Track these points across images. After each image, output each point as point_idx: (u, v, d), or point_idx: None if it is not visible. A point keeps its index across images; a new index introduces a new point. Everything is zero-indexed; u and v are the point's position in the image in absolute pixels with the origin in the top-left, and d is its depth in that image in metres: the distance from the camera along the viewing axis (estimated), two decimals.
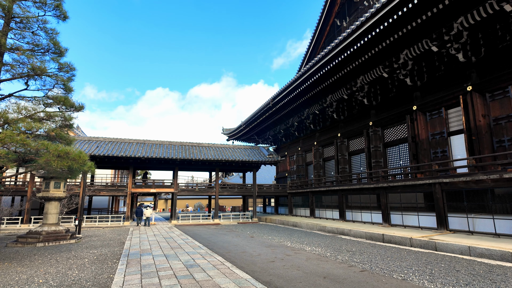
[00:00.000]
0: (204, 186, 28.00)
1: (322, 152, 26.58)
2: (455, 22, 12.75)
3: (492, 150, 13.05)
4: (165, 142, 27.00)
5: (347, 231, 15.61)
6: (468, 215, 12.50)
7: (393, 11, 12.72)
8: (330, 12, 27.24)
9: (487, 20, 12.31)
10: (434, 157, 15.81)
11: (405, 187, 15.76)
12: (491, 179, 11.49)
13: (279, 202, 33.06)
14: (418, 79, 17.02)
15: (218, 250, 11.35)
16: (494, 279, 6.68)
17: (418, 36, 14.09)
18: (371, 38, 14.48)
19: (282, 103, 24.60)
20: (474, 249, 9.40)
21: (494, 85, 13.20)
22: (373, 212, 18.22)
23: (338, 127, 24.29)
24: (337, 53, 16.72)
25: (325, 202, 23.60)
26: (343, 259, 9.23)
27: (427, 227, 14.35)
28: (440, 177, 13.77)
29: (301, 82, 20.81)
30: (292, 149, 32.00)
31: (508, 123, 12.69)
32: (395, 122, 18.75)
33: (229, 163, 26.17)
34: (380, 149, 19.67)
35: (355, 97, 21.31)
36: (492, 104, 13.39)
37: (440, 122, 15.68)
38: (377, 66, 17.16)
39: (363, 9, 22.87)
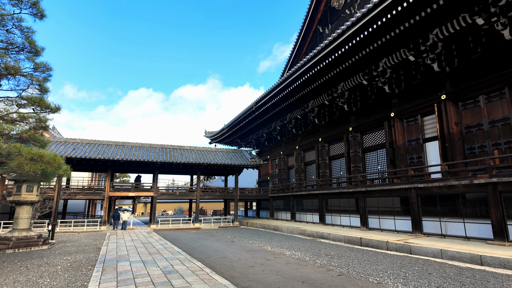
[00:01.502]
0: (185, 190, 27.66)
1: (303, 156, 26.90)
2: (431, 33, 13.32)
3: (464, 156, 13.67)
4: (145, 145, 26.50)
5: (327, 234, 15.84)
6: (441, 219, 13.00)
7: (372, 22, 13.12)
8: (313, 19, 27.75)
9: (460, 33, 12.93)
10: (410, 162, 16.36)
11: (382, 191, 16.20)
12: (462, 185, 12.02)
13: (260, 206, 33.11)
14: (396, 87, 17.60)
15: (197, 255, 11.23)
16: (463, 281, 6.98)
17: (396, 45, 14.60)
18: (351, 47, 14.87)
19: (265, 107, 24.74)
20: (446, 252, 9.78)
21: (466, 95, 13.86)
22: (351, 216, 18.59)
23: (319, 132, 24.69)
24: (318, 61, 17.05)
25: (305, 206, 23.86)
26: (321, 263, 9.36)
27: (403, 230, 14.79)
28: (415, 182, 14.25)
29: (283, 88, 21.03)
30: (275, 153, 32.19)
31: (479, 131, 13.34)
32: (374, 128, 19.28)
33: (211, 166, 26.00)
34: (359, 154, 20.15)
35: (336, 103, 21.76)
36: (464, 112, 14.05)
37: (416, 129, 16.26)
38: (357, 73, 17.62)
39: (344, 17, 23.46)
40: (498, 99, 12.71)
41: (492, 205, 10.91)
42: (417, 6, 11.82)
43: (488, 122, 12.97)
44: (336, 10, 24.72)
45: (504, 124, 12.40)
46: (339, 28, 15.46)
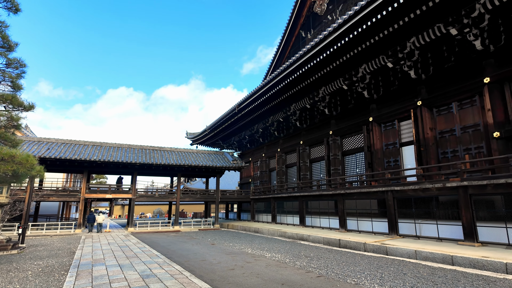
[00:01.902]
0: (165, 192, 27.17)
1: (285, 159, 27.12)
2: (408, 41, 13.83)
3: (438, 160, 14.24)
4: (124, 145, 25.85)
5: (306, 236, 16.02)
6: (415, 221, 13.47)
7: (352, 29, 13.50)
8: (296, 23, 28.13)
9: (436, 42, 13.51)
10: (387, 166, 16.87)
11: (360, 194, 16.58)
12: (436, 188, 12.51)
13: (242, 208, 33.04)
14: (375, 92, 18.12)
15: (177, 258, 11.05)
16: (436, 281, 7.26)
17: (375, 52, 15.05)
18: (331, 53, 15.23)
19: (247, 110, 24.78)
20: (420, 253, 10.14)
21: (440, 101, 14.47)
22: (331, 218, 18.91)
23: (301, 135, 24.99)
24: (299, 66, 17.34)
25: (286, 208, 24.04)
26: (301, 265, 9.45)
27: (379, 232, 15.20)
28: (392, 185, 14.70)
29: (265, 91, 21.16)
30: (257, 155, 32.26)
31: (451, 136, 13.96)
32: (353, 132, 19.74)
33: (192, 168, 25.70)
34: (339, 157, 20.56)
35: (317, 106, 22.12)
36: (438, 118, 14.65)
37: (394, 133, 16.80)
38: (337, 78, 18.01)
39: (326, 23, 23.93)
40: (470, 106, 13.36)
41: (463, 207, 11.43)
42: (395, 15, 12.26)
43: (460, 128, 13.60)
44: (319, 15, 25.18)
45: (474, 130, 13.04)
46: (321, 33, 15.78)
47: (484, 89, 12.59)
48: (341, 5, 22.48)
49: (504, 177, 10.22)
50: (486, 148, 12.52)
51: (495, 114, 12.18)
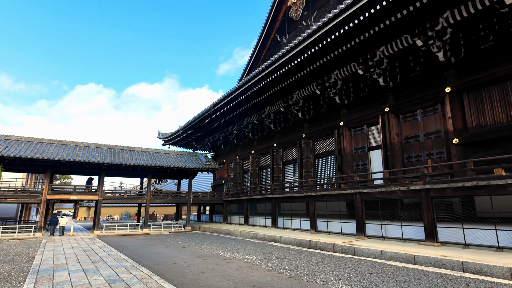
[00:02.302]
0: (134, 194, 26.30)
1: (258, 161, 27.26)
2: (378, 50, 14.46)
3: (403, 165, 14.98)
4: (91, 144, 24.73)
5: (278, 238, 16.18)
6: (382, 222, 14.05)
7: (323, 37, 14.01)
8: (272, 27, 28.45)
9: (403, 52, 14.19)
10: (356, 169, 17.48)
11: (330, 196, 17.03)
12: (401, 191, 13.14)
13: (214, 210, 32.73)
14: (346, 98, 18.73)
15: (145, 262, 10.73)
16: (399, 280, 7.61)
17: (347, 59, 15.60)
18: (304, 59, 15.65)
19: (222, 111, 24.67)
20: (385, 253, 10.59)
21: (406, 108, 15.24)
22: (302, 219, 19.24)
23: (275, 137, 25.25)
24: (273, 70, 17.65)
25: (259, 210, 24.14)
26: (272, 267, 9.53)
27: (348, 233, 15.68)
28: (360, 187, 15.23)
29: (240, 93, 21.20)
30: (230, 157, 32.14)
31: (416, 142, 14.74)
32: (325, 136, 20.26)
33: (163, 169, 25.09)
34: (311, 160, 21.00)
35: (291, 110, 22.47)
36: (404, 124, 15.42)
37: (362, 138, 17.45)
38: (311, 83, 18.43)
39: (301, 28, 24.42)
40: (433, 114, 14.19)
41: (425, 209, 12.09)
42: (365, 25, 12.80)
43: (424, 134, 14.40)
44: (294, 20, 25.65)
45: (436, 136, 13.87)
46: (296, 38, 16.11)
47: (445, 98, 13.44)
48: (315, 11, 23.05)
49: (462, 180, 10.95)
50: (446, 154, 13.35)
51: (455, 122, 13.03)
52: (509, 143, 11.48)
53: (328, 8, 21.62)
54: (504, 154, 11.28)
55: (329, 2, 21.69)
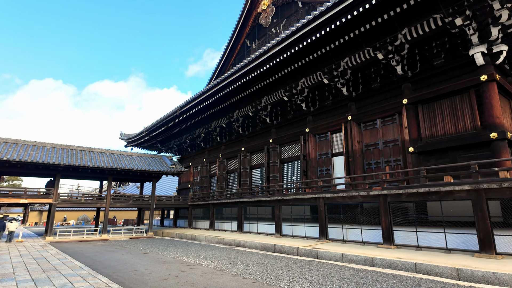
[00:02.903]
0: (92, 197, 24.90)
1: (226, 165, 27.12)
2: (342, 61, 15.13)
3: (363, 171, 15.72)
4: (46, 144, 23.08)
5: (244, 242, 16.17)
6: (343, 226, 14.60)
7: (290, 46, 14.55)
8: (242, 32, 28.63)
9: (365, 64, 14.98)
10: (320, 174, 18.04)
11: (295, 200, 17.39)
12: (361, 195, 13.77)
13: (178, 215, 31.93)
14: (312, 105, 19.32)
15: (103, 270, 10.19)
16: (358, 282, 7.95)
17: (313, 69, 16.17)
18: (271, 67, 16.09)
19: (190, 113, 24.28)
20: (346, 256, 11.01)
21: (367, 117, 16.06)
22: (268, 224, 19.42)
23: (243, 141, 25.30)
24: (241, 76, 17.87)
25: (225, 214, 23.97)
26: (237, 272, 9.50)
27: (311, 236, 16.09)
28: (323, 192, 15.73)
29: (208, 96, 21.06)
30: (197, 160, 31.64)
31: (375, 149, 15.56)
32: (291, 141, 20.70)
33: (125, 172, 24.05)
34: (277, 164, 21.33)
35: (259, 115, 22.69)
36: (365, 132, 16.23)
37: (326, 144, 18.08)
38: (278, 90, 18.81)
39: (270, 35, 24.85)
40: (391, 124, 15.09)
41: (382, 213, 12.77)
42: (330, 37, 13.44)
43: (382, 142, 15.25)
44: (264, 27, 26.04)
45: (394, 144, 14.76)
46: (265, 45, 16.40)
47: (402, 109, 14.37)
48: (284, 20, 23.60)
49: (416, 187, 11.73)
50: (403, 161, 14.25)
51: (411, 132, 13.97)
52: (457, 153, 12.54)
53: (296, 17, 22.24)
54: (452, 162, 12.30)
55: (297, 11, 22.33)
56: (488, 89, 11.85)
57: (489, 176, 10.70)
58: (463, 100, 12.66)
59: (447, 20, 11.61)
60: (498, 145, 11.34)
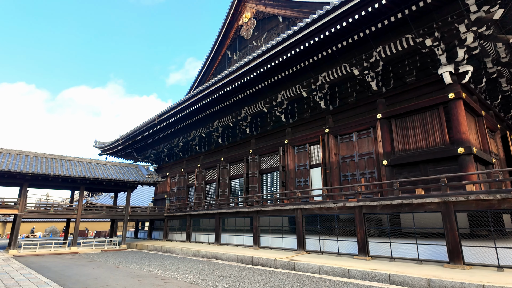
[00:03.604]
0: (63, 207, 23.74)
1: (204, 175, 26.80)
2: (320, 75, 15.56)
3: (340, 182, 16.04)
4: (13, 151, 21.90)
5: (221, 255, 15.91)
6: (320, 237, 14.74)
7: (269, 60, 14.90)
8: (223, 43, 28.85)
9: (342, 79, 15.48)
10: (298, 185, 18.22)
11: (274, 211, 17.41)
12: (337, 207, 14.00)
13: (154, 226, 30.98)
14: (291, 117, 19.63)
15: (72, 285, 9.66)
16: None
17: (292, 82, 16.53)
18: (251, 78, 16.30)
19: (168, 122, 23.94)
20: (323, 267, 11.08)
21: (344, 130, 16.50)
22: (245, 235, 19.25)
23: (222, 151, 25.18)
24: (221, 86, 18.07)
25: (202, 226, 23.54)
26: (213, 285, 9.30)
27: (289, 248, 16.10)
28: (301, 203, 15.86)
29: (188, 105, 20.94)
30: (175, 170, 31.07)
31: (351, 162, 15.96)
32: (271, 152, 20.84)
33: (98, 181, 23.17)
34: (256, 175, 21.34)
35: (239, 125, 22.74)
36: (341, 145, 16.64)
37: (305, 156, 18.34)
38: (259, 101, 19.01)
39: (251, 47, 25.21)
40: (366, 137, 15.58)
41: (358, 225, 13.02)
42: (307, 53, 13.85)
43: (358, 155, 15.68)
44: (245, 39, 26.39)
45: (369, 157, 15.21)
46: (246, 56, 16.62)
47: (377, 123, 14.90)
48: (265, 33, 24.06)
49: (389, 199, 12.09)
50: (377, 173, 14.68)
51: (385, 145, 14.47)
52: (428, 166, 13.09)
53: (277, 31, 22.74)
54: (424, 175, 12.83)
55: (278, 25, 22.85)
56: (456, 106, 12.56)
57: (457, 189, 11.24)
58: (433, 116, 13.31)
59: (418, 41, 12.29)
60: (465, 159, 11.96)
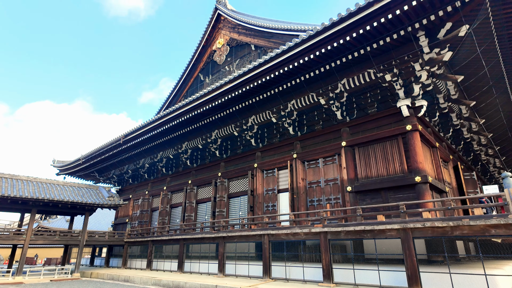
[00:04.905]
0: (9, 232, 21.59)
1: (170, 198, 25.89)
2: (289, 103, 16.09)
3: (306, 208, 16.21)
4: None
5: (183, 284, 15.11)
6: (286, 264, 14.56)
7: (239, 86, 15.38)
8: (196, 66, 29.15)
9: (310, 107, 16.09)
10: (266, 210, 18.14)
11: (241, 237, 17.03)
12: (304, 233, 14.01)
13: (112, 253, 28.97)
14: (261, 142, 19.87)
15: None
16: None
17: (262, 108, 16.92)
18: (221, 103, 16.58)
19: (134, 142, 23.18)
20: None
21: (311, 156, 16.92)
22: (211, 262, 18.54)
23: (190, 174, 24.64)
24: (192, 109, 18.06)
25: (165, 252, 22.39)
26: None
27: (255, 276, 15.67)
28: (268, 229, 15.71)
29: (156, 126, 20.57)
30: (139, 192, 29.75)
31: (317, 187, 16.27)
32: (240, 176, 20.74)
33: (53, 203, 21.52)
34: (224, 199, 20.99)
35: (209, 148, 22.56)
36: (308, 170, 16.99)
37: (273, 180, 18.45)
38: (229, 124, 19.13)
39: (224, 72, 25.68)
40: (331, 163, 16.07)
41: (323, 251, 13.06)
42: (276, 81, 14.39)
43: (324, 181, 16.06)
44: (218, 64, 26.88)
45: (334, 183, 15.62)
46: (218, 81, 16.88)
47: (341, 151, 15.48)
48: (238, 59, 24.71)
49: (353, 225, 12.35)
50: (342, 199, 15.05)
51: (349, 172, 14.98)
52: (389, 193, 13.67)
53: (249, 58, 23.45)
54: (385, 202, 13.34)
55: (250, 53, 23.61)
56: (413, 138, 13.44)
57: (415, 216, 11.78)
58: (393, 145, 14.11)
59: (379, 75, 13.23)
60: (422, 187, 12.66)
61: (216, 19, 27.35)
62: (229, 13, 25.97)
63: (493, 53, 12.58)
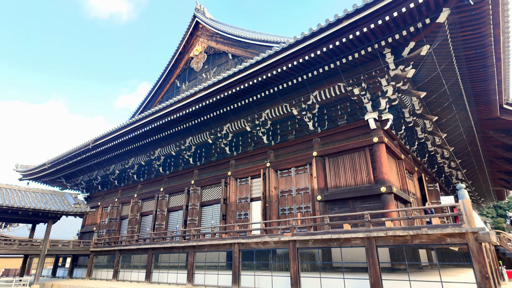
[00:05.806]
0: None
1: (141, 206, 25.17)
2: (264, 112, 16.33)
3: (278, 216, 16.32)
4: None
5: None
6: (255, 273, 14.50)
7: (213, 94, 15.46)
8: (172, 72, 28.91)
9: (283, 117, 16.41)
10: (239, 219, 18.08)
11: (211, 246, 16.80)
12: (273, 241, 14.07)
13: (77, 263, 27.55)
14: (235, 150, 19.90)
15: None
16: None
17: (237, 116, 17.05)
18: (196, 110, 16.51)
19: (105, 147, 22.47)
20: None
21: (283, 165, 17.14)
22: (179, 272, 18.09)
23: (163, 181, 24.14)
24: (164, 115, 17.87)
25: (133, 262, 21.61)
26: None
27: (224, 285, 15.45)
28: (239, 237, 15.62)
29: (128, 131, 20.10)
30: (108, 200, 28.70)
31: (289, 196, 16.46)
32: (213, 184, 20.58)
33: (13, 210, 20.28)
34: (197, 207, 20.70)
35: (182, 155, 22.29)
36: (281, 179, 17.18)
37: (246, 189, 18.46)
38: (204, 132, 19.07)
39: (200, 79, 25.64)
40: (303, 173, 16.36)
41: (292, 259, 13.15)
42: (250, 91, 14.61)
43: (295, 190, 16.29)
44: (195, 71, 26.82)
45: (305, 192, 15.88)
46: (194, 87, 16.83)
47: (312, 161, 15.82)
48: (215, 67, 24.80)
49: (320, 233, 12.57)
50: (312, 208, 15.31)
51: (319, 181, 15.31)
52: (356, 202, 14.08)
53: (226, 67, 23.60)
54: (353, 211, 13.72)
55: (228, 62, 23.79)
56: (379, 149, 13.99)
57: (380, 225, 12.19)
58: (361, 156, 14.62)
59: (348, 89, 13.77)
60: (387, 197, 13.16)
61: (194, 27, 27.40)
62: (207, 21, 26.12)
63: (452, 72, 13.48)
